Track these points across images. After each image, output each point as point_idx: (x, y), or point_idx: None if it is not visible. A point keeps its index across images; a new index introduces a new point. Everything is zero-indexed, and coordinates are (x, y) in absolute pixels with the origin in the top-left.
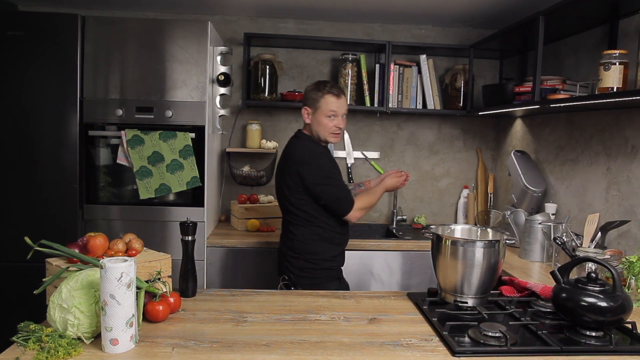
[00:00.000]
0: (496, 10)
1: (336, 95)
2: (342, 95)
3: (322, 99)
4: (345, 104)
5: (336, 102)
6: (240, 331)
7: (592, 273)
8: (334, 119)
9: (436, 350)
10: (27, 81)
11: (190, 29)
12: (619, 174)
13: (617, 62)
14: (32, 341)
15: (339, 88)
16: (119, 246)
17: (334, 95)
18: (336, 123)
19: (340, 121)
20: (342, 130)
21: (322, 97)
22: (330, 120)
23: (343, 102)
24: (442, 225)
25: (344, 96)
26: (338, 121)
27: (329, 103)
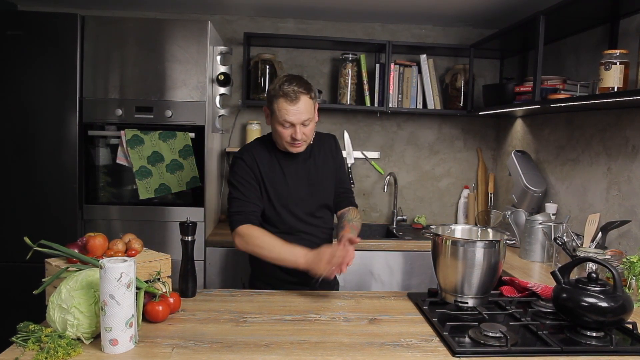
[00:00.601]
0: (496, 10)
1: (290, 100)
2: (299, 99)
3: (275, 104)
4: (305, 108)
5: (290, 109)
6: (240, 331)
7: (593, 273)
8: (290, 128)
9: (436, 350)
10: (27, 81)
11: (190, 29)
12: (619, 174)
13: (618, 62)
14: (32, 341)
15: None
16: (119, 246)
17: (288, 100)
18: (291, 132)
19: (297, 131)
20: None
21: (276, 99)
22: (285, 130)
23: (300, 108)
24: (442, 226)
25: (304, 98)
26: (294, 131)
27: (280, 110)
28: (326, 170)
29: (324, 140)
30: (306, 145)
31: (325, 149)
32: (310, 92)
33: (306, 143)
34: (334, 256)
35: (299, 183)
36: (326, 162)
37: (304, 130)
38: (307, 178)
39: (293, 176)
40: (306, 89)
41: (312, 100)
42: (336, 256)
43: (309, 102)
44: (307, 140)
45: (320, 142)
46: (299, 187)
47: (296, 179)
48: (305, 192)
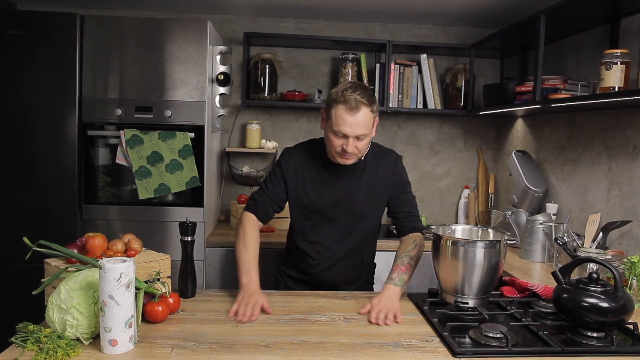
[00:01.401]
0: (497, 10)
1: (350, 108)
2: (360, 109)
3: (334, 109)
4: (362, 123)
5: (348, 119)
6: (239, 332)
7: (594, 273)
8: (343, 139)
9: (437, 351)
10: (26, 81)
11: (190, 29)
12: (620, 174)
13: (619, 62)
14: (31, 342)
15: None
16: (118, 246)
17: (348, 108)
18: (343, 144)
19: (349, 143)
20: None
21: (335, 105)
22: (337, 139)
23: (358, 121)
24: (442, 226)
25: (364, 109)
26: (346, 143)
27: (337, 117)
28: (372, 188)
29: (383, 157)
30: (356, 159)
31: (380, 165)
32: (372, 105)
33: (357, 157)
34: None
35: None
36: (375, 179)
37: (357, 144)
38: (347, 189)
39: (332, 184)
40: (369, 101)
41: (372, 113)
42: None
43: (369, 115)
44: (358, 155)
45: (377, 157)
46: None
47: (334, 187)
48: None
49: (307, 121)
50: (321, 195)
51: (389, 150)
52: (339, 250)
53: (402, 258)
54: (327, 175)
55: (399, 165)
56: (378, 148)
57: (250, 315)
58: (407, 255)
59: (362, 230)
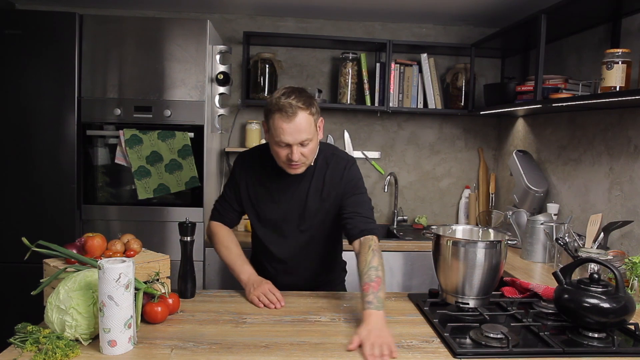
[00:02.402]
0: (498, 9)
1: (287, 116)
2: (297, 115)
3: (271, 120)
4: (303, 127)
5: (286, 128)
6: (239, 332)
7: (595, 274)
8: (286, 148)
9: (437, 351)
10: (25, 80)
11: (189, 28)
12: (621, 174)
13: (620, 61)
14: (30, 342)
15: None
16: (117, 247)
17: (284, 117)
18: (288, 153)
19: (294, 152)
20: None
21: (272, 115)
22: (282, 150)
23: (298, 126)
24: (443, 226)
25: (302, 114)
26: (291, 151)
27: (276, 128)
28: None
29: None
30: (305, 167)
31: (329, 171)
32: (310, 107)
33: (305, 165)
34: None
35: (286, 203)
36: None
37: (303, 150)
38: (296, 200)
39: (281, 195)
40: (305, 104)
41: (312, 116)
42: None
43: (308, 118)
44: (306, 162)
45: (327, 162)
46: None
47: (284, 198)
48: (292, 214)
49: None
50: (272, 204)
51: (342, 155)
52: (297, 257)
53: (369, 273)
54: (276, 182)
55: (349, 168)
56: (331, 151)
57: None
58: (372, 268)
59: (318, 235)
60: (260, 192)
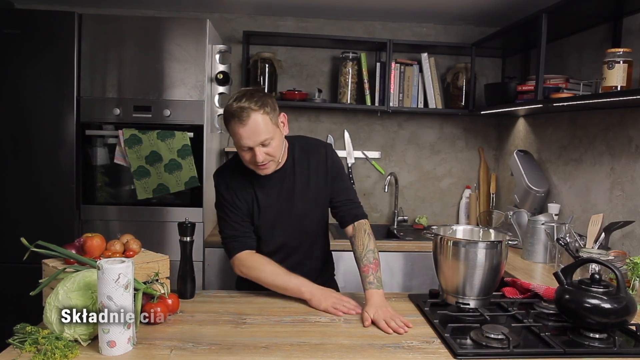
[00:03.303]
0: (498, 8)
1: (240, 120)
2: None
3: (229, 126)
4: (258, 128)
5: (242, 132)
6: (239, 333)
7: (596, 274)
8: (249, 151)
9: (438, 352)
10: (23, 80)
11: (189, 27)
12: (623, 174)
13: (621, 61)
14: (29, 343)
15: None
16: (117, 247)
17: (237, 121)
18: (252, 155)
19: (257, 154)
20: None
21: (228, 123)
22: (246, 153)
23: (253, 128)
24: (443, 226)
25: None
26: (253, 154)
27: (234, 134)
28: (309, 185)
29: (311, 150)
30: (275, 165)
31: (311, 160)
32: (263, 107)
33: (274, 163)
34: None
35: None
36: (308, 175)
37: (266, 150)
38: (284, 197)
39: (267, 198)
40: (257, 105)
41: (266, 115)
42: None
43: (263, 118)
44: (274, 160)
45: (305, 152)
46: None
47: (271, 201)
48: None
49: (307, 120)
50: (262, 208)
51: (315, 141)
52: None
53: (367, 256)
54: (260, 186)
55: (330, 153)
56: (304, 141)
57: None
58: (370, 251)
59: (309, 229)
60: (249, 200)
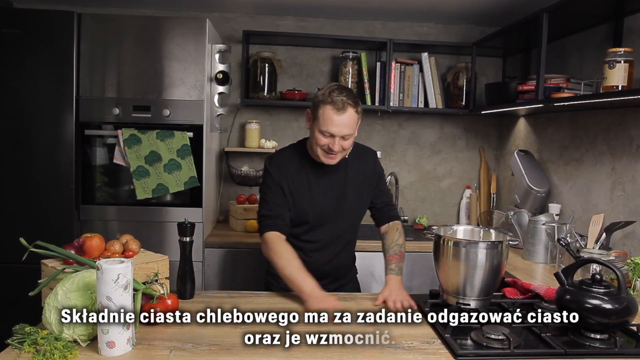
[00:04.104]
0: (499, 8)
1: (337, 109)
2: (346, 110)
3: (321, 110)
4: (349, 122)
5: (335, 119)
6: (238, 333)
7: (597, 275)
8: (329, 138)
9: (438, 353)
10: (23, 80)
11: (188, 27)
12: (624, 174)
13: (622, 60)
14: (28, 344)
15: (349, 100)
16: (116, 247)
17: (335, 109)
18: (329, 142)
19: (335, 142)
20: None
21: (323, 105)
22: (324, 139)
23: (344, 121)
24: (444, 226)
25: (351, 110)
26: (332, 142)
27: (325, 118)
28: (358, 186)
29: (362, 154)
30: (340, 159)
31: (361, 163)
32: (357, 107)
33: (341, 156)
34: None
35: (326, 196)
36: (358, 177)
37: (342, 143)
38: (335, 191)
39: (320, 188)
40: (354, 103)
41: (357, 114)
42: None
43: (355, 116)
44: (343, 154)
45: (357, 155)
46: (325, 200)
47: (323, 191)
48: (332, 205)
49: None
50: (311, 200)
51: (365, 147)
52: (331, 250)
53: (394, 247)
54: (314, 179)
55: (377, 160)
56: (355, 146)
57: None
58: (397, 244)
59: (350, 227)
60: (300, 189)
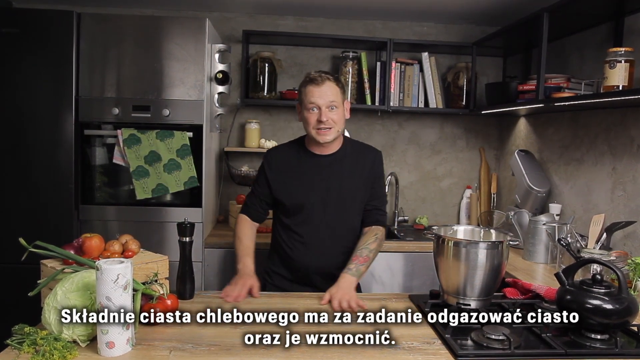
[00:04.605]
0: (499, 7)
1: (316, 83)
2: (325, 82)
3: (303, 90)
4: (329, 92)
5: (315, 91)
6: (238, 334)
7: (597, 275)
8: (316, 111)
9: (438, 353)
10: (22, 79)
11: (188, 26)
12: (624, 173)
13: (623, 60)
14: (27, 344)
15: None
16: (115, 247)
17: (314, 83)
18: (317, 116)
19: (322, 113)
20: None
21: (304, 87)
22: (312, 114)
23: (325, 91)
24: (444, 226)
25: (330, 82)
26: (320, 114)
27: (307, 94)
28: (354, 180)
29: (364, 151)
30: (334, 135)
31: (360, 159)
32: (337, 81)
33: (335, 132)
34: (234, 289)
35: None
36: (355, 172)
37: (330, 115)
38: (329, 183)
39: (314, 178)
40: (333, 77)
41: (339, 87)
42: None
43: (335, 87)
44: (334, 127)
45: (358, 151)
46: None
47: (317, 181)
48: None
49: None
50: (306, 191)
51: (368, 146)
52: (325, 243)
53: (362, 250)
54: (310, 170)
55: (378, 160)
56: (358, 143)
57: (237, 296)
58: (367, 248)
59: (347, 221)
60: (295, 180)
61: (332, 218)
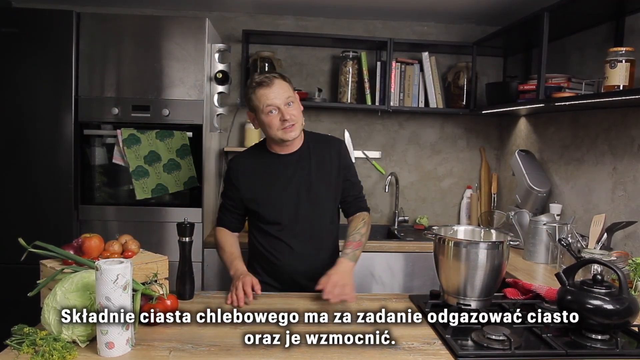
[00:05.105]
0: (500, 7)
1: (266, 84)
2: (274, 81)
3: (254, 96)
4: (283, 89)
5: (269, 93)
6: (238, 334)
7: (598, 275)
8: (276, 112)
9: (438, 353)
10: (21, 79)
11: (188, 26)
12: (625, 173)
13: (623, 60)
14: (26, 344)
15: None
16: (115, 247)
17: (264, 85)
18: (279, 116)
19: (284, 112)
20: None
21: (254, 92)
22: (272, 116)
23: (278, 89)
24: (444, 226)
25: (278, 80)
26: (281, 113)
27: (261, 98)
28: (325, 175)
29: (325, 143)
30: (299, 131)
31: (325, 152)
32: (283, 77)
33: (298, 126)
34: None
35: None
36: (324, 166)
37: (291, 111)
38: (300, 182)
39: (283, 180)
40: (279, 75)
41: (287, 82)
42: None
43: (285, 83)
44: (297, 122)
45: (319, 143)
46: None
47: (287, 182)
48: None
49: (307, 120)
50: (279, 192)
51: (330, 137)
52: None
53: (354, 235)
54: (277, 171)
55: (344, 150)
56: (318, 135)
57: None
58: (358, 233)
59: (323, 215)
60: (263, 184)
61: (309, 214)
